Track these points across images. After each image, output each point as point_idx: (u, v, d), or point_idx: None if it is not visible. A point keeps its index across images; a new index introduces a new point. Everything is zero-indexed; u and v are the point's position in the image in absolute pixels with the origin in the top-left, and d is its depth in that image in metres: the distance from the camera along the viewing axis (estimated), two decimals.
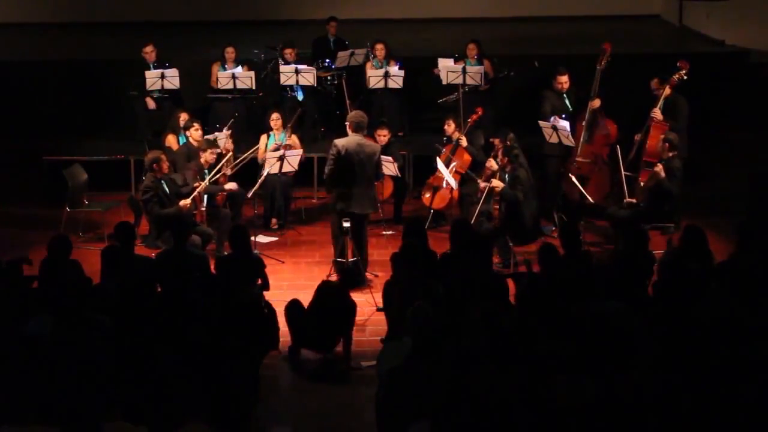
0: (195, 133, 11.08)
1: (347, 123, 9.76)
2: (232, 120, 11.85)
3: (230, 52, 12.91)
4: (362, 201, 9.65)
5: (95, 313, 6.85)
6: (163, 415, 5.92)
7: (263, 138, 11.50)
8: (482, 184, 10.17)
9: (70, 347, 6.34)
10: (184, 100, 12.86)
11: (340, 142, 9.56)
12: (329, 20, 13.84)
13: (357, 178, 9.55)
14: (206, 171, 10.53)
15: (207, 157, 10.54)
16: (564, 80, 11.30)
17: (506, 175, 10.11)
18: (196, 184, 10.22)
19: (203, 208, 10.29)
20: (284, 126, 11.53)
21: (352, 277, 9.43)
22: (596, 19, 16.57)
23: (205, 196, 10.38)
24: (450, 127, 11.42)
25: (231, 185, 10.69)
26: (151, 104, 12.75)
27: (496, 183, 10.03)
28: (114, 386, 6.16)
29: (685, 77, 10.80)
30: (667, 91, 10.83)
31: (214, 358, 6.46)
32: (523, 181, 10.04)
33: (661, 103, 10.73)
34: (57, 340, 6.43)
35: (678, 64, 10.88)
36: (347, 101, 12.11)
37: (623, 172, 10.51)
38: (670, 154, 10.15)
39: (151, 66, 12.69)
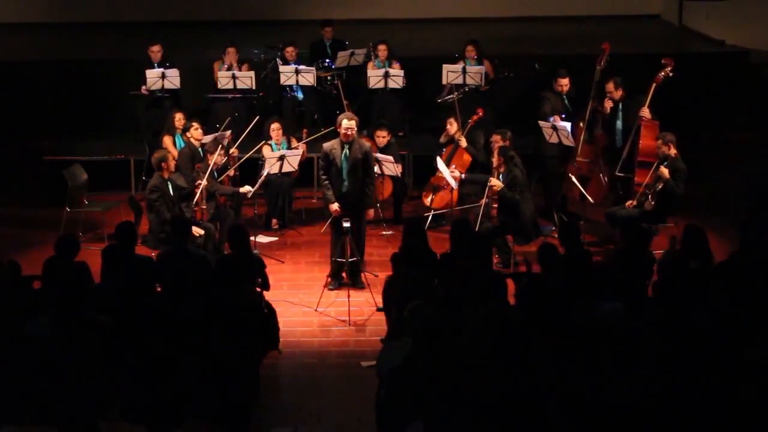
0: (195, 133, 11.05)
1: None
2: (229, 119, 11.84)
3: (231, 52, 12.89)
4: None
5: (95, 313, 6.85)
6: (162, 415, 5.92)
7: (266, 149, 11.43)
8: (483, 200, 10.20)
9: (68, 347, 6.33)
10: (183, 100, 12.86)
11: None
12: (324, 25, 13.76)
13: None
14: (215, 172, 10.55)
15: (215, 158, 10.55)
16: (565, 83, 11.32)
17: (501, 176, 10.12)
18: (198, 182, 10.22)
19: (204, 207, 10.28)
20: (285, 133, 11.60)
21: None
22: (596, 19, 16.57)
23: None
24: (452, 126, 11.43)
25: (246, 188, 10.72)
26: (144, 90, 12.67)
27: (495, 183, 10.04)
28: (113, 386, 6.16)
29: (671, 74, 10.79)
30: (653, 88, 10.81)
31: (214, 357, 6.46)
32: (520, 180, 10.05)
33: (648, 101, 10.72)
34: (56, 340, 6.43)
35: (663, 61, 10.87)
36: (344, 102, 12.11)
37: (617, 173, 10.55)
38: (673, 154, 10.13)
39: (155, 65, 12.69)
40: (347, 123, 9.59)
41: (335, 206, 9.65)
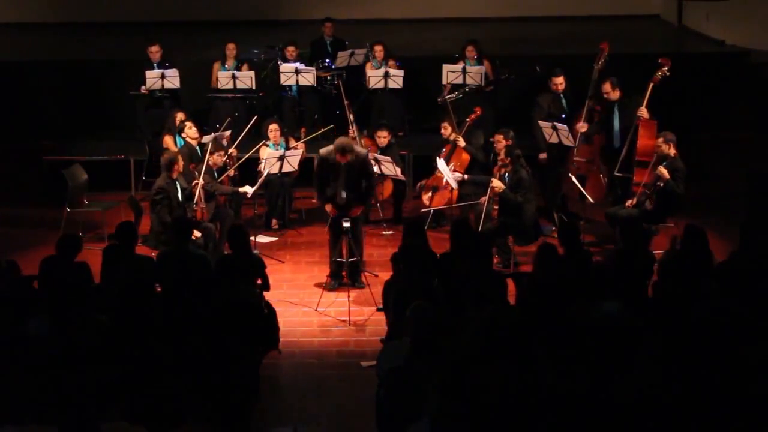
0: (190, 132, 11.04)
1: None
2: (230, 119, 11.83)
3: (231, 49, 12.91)
4: None
5: (95, 313, 6.85)
6: (162, 415, 5.91)
7: (263, 150, 11.41)
8: (483, 199, 10.19)
9: (68, 347, 6.33)
10: (183, 100, 12.86)
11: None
12: (324, 21, 13.81)
13: None
14: (215, 172, 10.55)
15: (215, 159, 10.54)
16: (559, 81, 11.30)
17: (506, 176, 10.12)
18: (195, 182, 10.20)
19: (203, 206, 10.28)
20: (285, 133, 11.62)
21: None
22: (596, 19, 16.58)
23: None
24: (446, 130, 11.41)
25: (245, 188, 10.72)
26: (143, 90, 12.67)
27: (497, 183, 10.03)
28: (113, 386, 6.16)
29: (668, 74, 10.79)
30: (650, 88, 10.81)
31: (214, 357, 6.46)
32: (525, 181, 10.05)
33: (646, 100, 10.72)
34: (56, 340, 6.43)
35: (659, 60, 10.87)
36: (345, 102, 12.12)
37: (616, 173, 10.56)
38: (673, 154, 10.13)
39: (155, 66, 12.69)
40: (342, 156, 9.49)
41: (330, 206, 9.67)
